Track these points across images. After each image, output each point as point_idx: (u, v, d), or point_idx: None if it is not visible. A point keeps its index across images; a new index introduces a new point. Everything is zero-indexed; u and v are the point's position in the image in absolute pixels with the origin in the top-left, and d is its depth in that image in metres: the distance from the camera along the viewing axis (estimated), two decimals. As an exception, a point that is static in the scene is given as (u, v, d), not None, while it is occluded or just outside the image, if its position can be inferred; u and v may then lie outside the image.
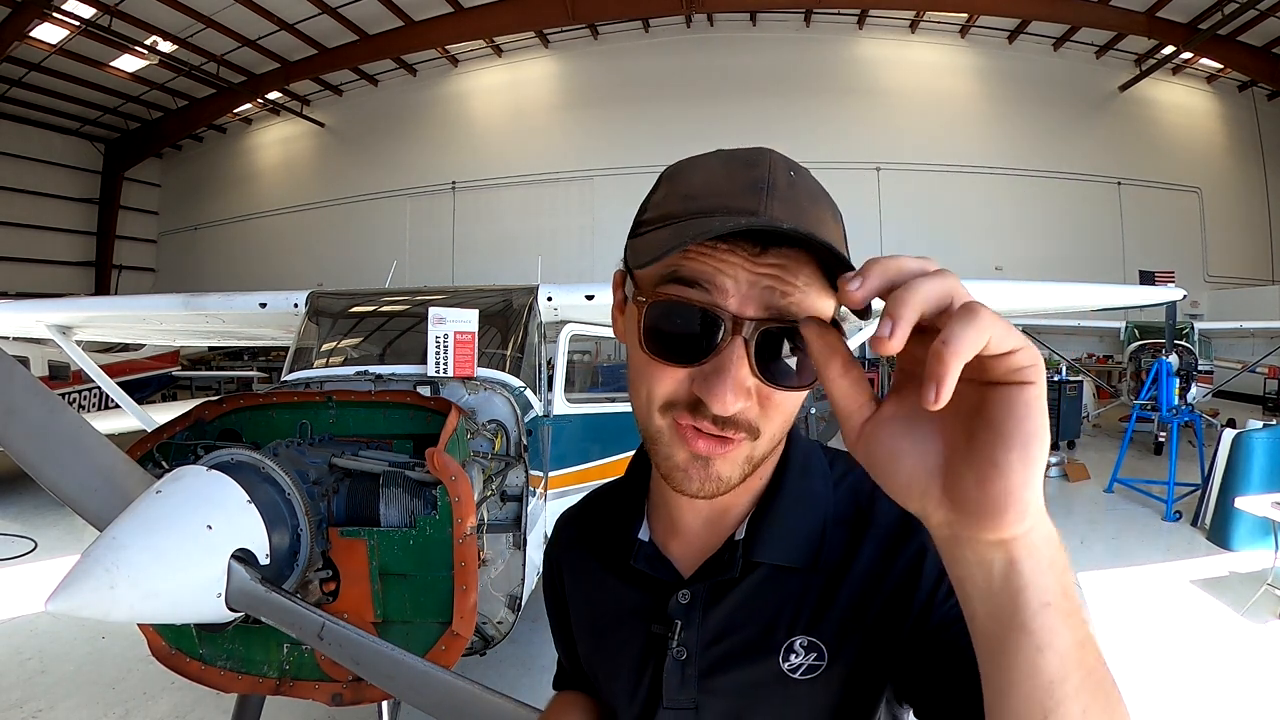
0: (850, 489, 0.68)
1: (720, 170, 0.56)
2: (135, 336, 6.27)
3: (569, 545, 0.83)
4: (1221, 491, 5.38)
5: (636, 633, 0.69)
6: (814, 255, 0.52)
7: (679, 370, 0.54)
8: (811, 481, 0.68)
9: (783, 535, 0.65)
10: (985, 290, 4.59)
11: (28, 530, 5.52)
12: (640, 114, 16.67)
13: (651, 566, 0.69)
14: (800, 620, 0.63)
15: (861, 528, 0.65)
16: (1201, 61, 16.19)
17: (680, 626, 0.65)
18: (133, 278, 21.02)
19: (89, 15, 13.35)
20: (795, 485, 0.67)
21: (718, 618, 0.65)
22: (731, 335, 0.52)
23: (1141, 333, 9.49)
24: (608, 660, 0.74)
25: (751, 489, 0.66)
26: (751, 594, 0.65)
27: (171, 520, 1.07)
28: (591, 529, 0.79)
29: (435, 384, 2.52)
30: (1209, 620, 4.02)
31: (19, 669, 3.39)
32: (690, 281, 0.53)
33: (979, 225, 16.04)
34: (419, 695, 0.76)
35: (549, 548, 0.87)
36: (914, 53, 16.55)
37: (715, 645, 0.65)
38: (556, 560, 0.85)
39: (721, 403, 0.52)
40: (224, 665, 1.70)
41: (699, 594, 0.66)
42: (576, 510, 0.86)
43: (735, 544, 0.65)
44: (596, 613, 0.76)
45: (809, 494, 0.67)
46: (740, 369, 0.52)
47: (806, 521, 0.66)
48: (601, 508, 0.80)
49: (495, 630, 2.25)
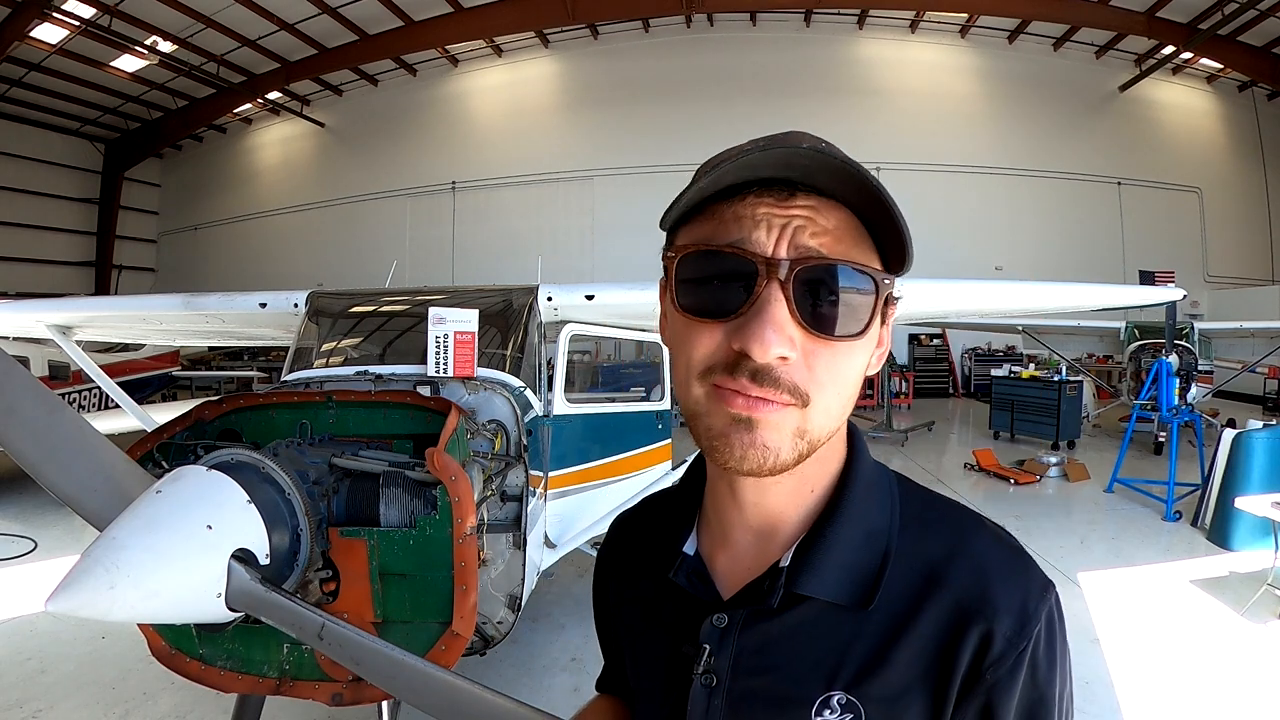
0: (924, 531, 0.60)
1: (746, 143, 0.54)
2: (135, 336, 6.26)
3: (619, 547, 0.80)
4: (1221, 491, 5.38)
5: (667, 649, 0.65)
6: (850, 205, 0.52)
7: (715, 328, 0.52)
8: (874, 509, 0.60)
9: (834, 567, 0.58)
10: (985, 290, 4.59)
11: (28, 530, 5.52)
12: (640, 114, 16.67)
13: (691, 583, 0.64)
14: (843, 672, 0.56)
15: (933, 583, 0.57)
16: (1201, 61, 16.19)
17: (709, 652, 0.60)
18: (133, 278, 21.04)
19: (89, 15, 13.36)
20: (855, 510, 0.60)
21: (752, 650, 0.59)
22: (767, 280, 0.50)
23: (1141, 333, 9.48)
24: (637, 672, 0.72)
25: (803, 504, 0.61)
26: (792, 631, 0.58)
27: (171, 520, 1.07)
28: (641, 534, 0.76)
29: (435, 384, 2.52)
30: (1209, 620, 4.01)
31: (19, 669, 3.38)
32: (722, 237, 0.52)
33: (979, 225, 16.04)
34: (419, 695, 0.76)
35: (602, 547, 0.84)
36: (914, 53, 16.55)
37: (747, 679, 0.59)
38: (605, 561, 0.82)
39: (761, 344, 0.48)
40: (224, 665, 1.70)
41: (736, 620, 0.60)
42: (631, 513, 0.82)
43: (779, 571, 0.59)
44: (634, 621, 0.73)
45: (870, 523, 0.59)
46: (779, 311, 0.49)
47: (863, 555, 0.58)
48: (654, 513, 0.76)
49: (495, 630, 2.25)
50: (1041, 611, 0.55)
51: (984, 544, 0.59)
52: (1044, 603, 0.56)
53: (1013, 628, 0.54)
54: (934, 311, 5.51)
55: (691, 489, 0.70)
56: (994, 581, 0.56)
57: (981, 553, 0.58)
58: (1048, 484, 7.19)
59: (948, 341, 16.45)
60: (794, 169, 0.50)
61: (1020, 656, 0.54)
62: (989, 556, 0.58)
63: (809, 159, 0.49)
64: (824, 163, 0.49)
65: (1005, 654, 0.54)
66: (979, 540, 0.59)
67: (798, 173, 0.50)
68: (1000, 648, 0.54)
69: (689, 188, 0.53)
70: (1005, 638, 0.54)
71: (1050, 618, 0.56)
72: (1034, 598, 0.56)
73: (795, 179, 0.51)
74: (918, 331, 15.89)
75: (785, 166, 0.50)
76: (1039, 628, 0.55)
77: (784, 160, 0.49)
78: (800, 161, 0.49)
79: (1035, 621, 0.55)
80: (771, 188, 0.51)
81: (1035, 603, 0.55)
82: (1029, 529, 5.70)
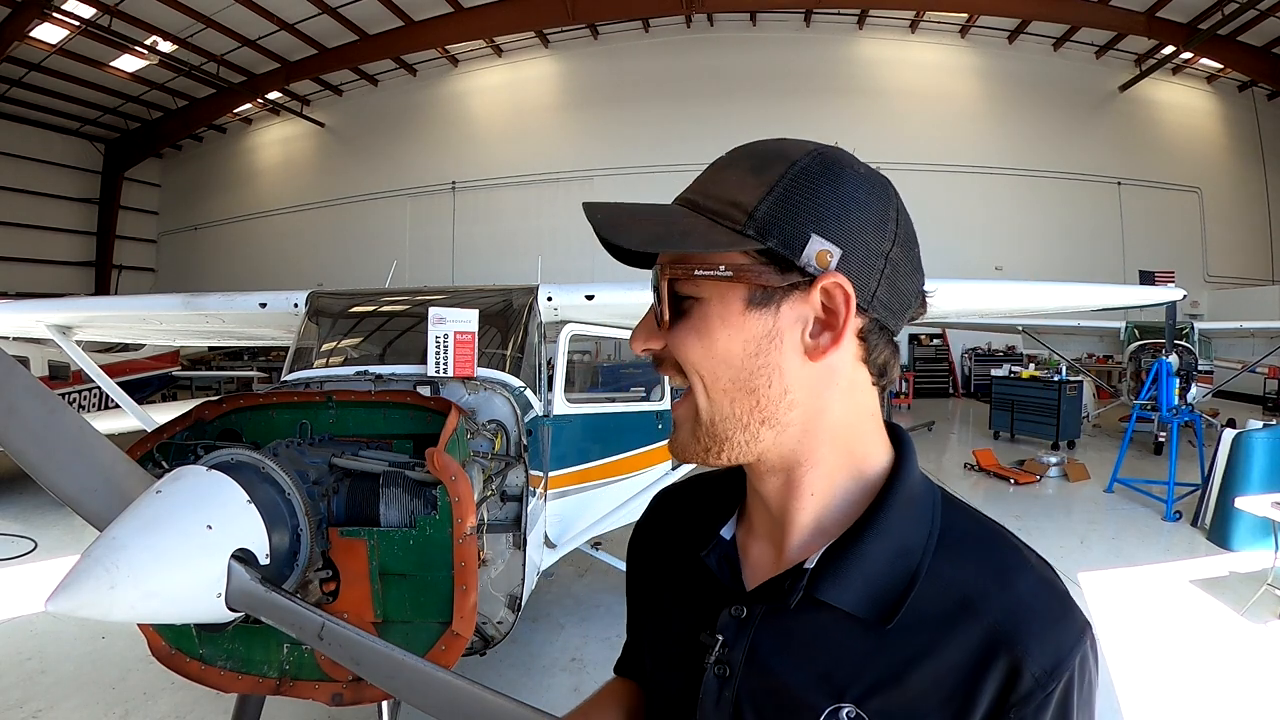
0: (963, 555, 0.58)
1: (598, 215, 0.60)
2: (135, 336, 6.26)
3: (658, 520, 0.80)
4: (1221, 491, 5.38)
5: (685, 634, 0.64)
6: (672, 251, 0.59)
7: None
8: (911, 526, 0.58)
9: (859, 577, 0.56)
10: (985, 290, 4.60)
11: (28, 530, 5.52)
12: (640, 114, 16.68)
13: (719, 567, 0.64)
14: (855, 686, 0.55)
15: (965, 609, 0.54)
16: (1201, 61, 16.20)
17: (724, 643, 0.60)
18: (133, 278, 21.04)
19: (89, 15, 13.36)
20: (891, 524, 0.58)
21: (766, 648, 0.59)
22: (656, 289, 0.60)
23: (1141, 333, 9.48)
24: (654, 652, 0.72)
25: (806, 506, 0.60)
26: (809, 636, 0.57)
27: (171, 520, 1.07)
28: (684, 510, 0.75)
29: (435, 384, 2.52)
30: (1209, 620, 4.02)
31: (19, 669, 3.38)
32: None
33: (979, 225, 16.04)
34: (419, 695, 0.76)
35: (642, 517, 0.83)
36: (914, 53, 16.55)
37: (758, 676, 0.58)
38: (643, 532, 0.81)
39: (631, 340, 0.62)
40: (224, 665, 1.70)
41: (755, 614, 0.60)
42: (677, 487, 0.81)
43: (802, 572, 0.58)
44: (658, 599, 0.72)
45: (905, 539, 0.58)
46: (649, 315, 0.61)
47: (892, 570, 0.56)
48: (700, 492, 0.76)
49: (495, 630, 2.25)
50: (1076, 654, 0.53)
51: (1025, 576, 0.57)
52: (1080, 645, 0.54)
53: (1045, 667, 0.52)
54: (934, 311, 5.51)
55: (739, 472, 0.69)
56: (1031, 616, 0.54)
57: (1021, 585, 0.56)
58: (1048, 484, 7.19)
59: (948, 341, 16.45)
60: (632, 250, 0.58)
61: (1048, 698, 0.52)
62: (1029, 590, 0.56)
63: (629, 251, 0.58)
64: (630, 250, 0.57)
65: (1033, 693, 0.52)
66: (1021, 572, 0.57)
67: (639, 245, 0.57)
68: (1029, 685, 0.52)
69: None
70: (1035, 676, 0.52)
71: (1084, 661, 0.54)
72: (1070, 639, 0.54)
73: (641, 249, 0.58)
74: (918, 331, 15.89)
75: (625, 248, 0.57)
76: (1072, 671, 0.53)
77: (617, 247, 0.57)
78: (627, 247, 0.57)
79: (1069, 664, 0.53)
80: None
81: (1071, 644, 0.54)
82: (1029, 529, 5.70)
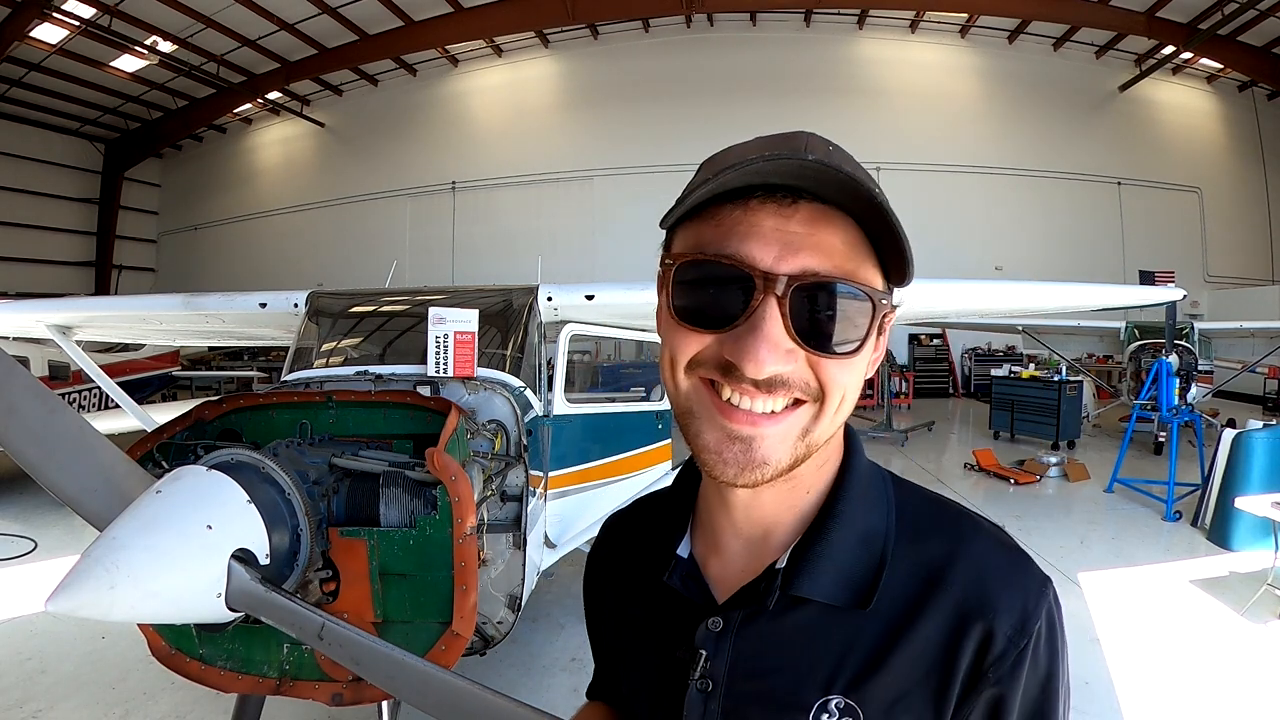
0: (922, 533, 0.60)
1: (754, 141, 0.53)
2: (135, 336, 6.26)
3: (610, 548, 0.79)
4: (1221, 491, 5.38)
5: (660, 655, 0.64)
6: (853, 217, 0.51)
7: (707, 336, 0.53)
8: (871, 511, 0.60)
9: (831, 569, 0.57)
10: (985, 290, 4.60)
11: (28, 530, 5.52)
12: (640, 114, 16.67)
13: (685, 586, 0.63)
14: (841, 675, 0.56)
15: (932, 585, 0.57)
16: (1201, 61, 16.19)
17: (706, 657, 0.59)
18: (133, 278, 21.04)
19: (89, 15, 13.35)
20: (852, 512, 0.59)
21: (749, 653, 0.59)
22: (764, 294, 0.49)
23: (1141, 333, 9.48)
24: (629, 677, 0.71)
25: (797, 507, 0.60)
26: (790, 634, 0.58)
27: (171, 520, 1.07)
28: (634, 535, 0.74)
29: (435, 384, 2.52)
30: (1209, 620, 4.01)
31: (19, 669, 3.38)
32: (721, 246, 0.51)
33: (979, 225, 16.04)
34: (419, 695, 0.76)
35: (593, 548, 0.82)
36: (914, 53, 16.54)
37: (744, 682, 0.58)
38: (597, 561, 0.81)
39: (755, 362, 0.49)
40: (224, 665, 1.70)
41: (732, 623, 0.59)
42: (623, 513, 0.81)
43: (775, 573, 0.58)
44: (625, 625, 0.72)
45: (867, 525, 0.59)
46: (774, 328, 0.49)
47: (861, 555, 0.58)
48: (647, 514, 0.75)
49: (495, 630, 2.25)
50: (1041, 609, 0.56)
51: (983, 545, 0.59)
52: (1043, 600, 0.57)
53: (1014, 626, 0.55)
54: (934, 311, 5.51)
55: (685, 490, 0.70)
56: (994, 582, 0.57)
57: (980, 554, 0.59)
58: (1048, 484, 7.20)
59: (948, 341, 16.44)
60: (799, 179, 0.50)
61: (1022, 654, 0.55)
62: (988, 557, 0.59)
63: (815, 171, 0.48)
64: (829, 176, 0.48)
65: (1006, 652, 0.54)
66: (977, 541, 0.60)
67: (803, 182, 0.50)
68: (1001, 646, 0.54)
69: (692, 189, 0.52)
70: (1006, 636, 0.55)
71: (1050, 614, 0.57)
72: (1033, 596, 0.57)
73: (799, 187, 0.50)
74: (918, 331, 15.88)
75: (790, 176, 0.50)
76: (1039, 625, 0.56)
77: (789, 170, 0.49)
78: (806, 172, 0.49)
79: (1035, 619, 0.56)
80: (775, 194, 0.50)
81: (1035, 601, 0.56)
82: (1029, 529, 5.70)
